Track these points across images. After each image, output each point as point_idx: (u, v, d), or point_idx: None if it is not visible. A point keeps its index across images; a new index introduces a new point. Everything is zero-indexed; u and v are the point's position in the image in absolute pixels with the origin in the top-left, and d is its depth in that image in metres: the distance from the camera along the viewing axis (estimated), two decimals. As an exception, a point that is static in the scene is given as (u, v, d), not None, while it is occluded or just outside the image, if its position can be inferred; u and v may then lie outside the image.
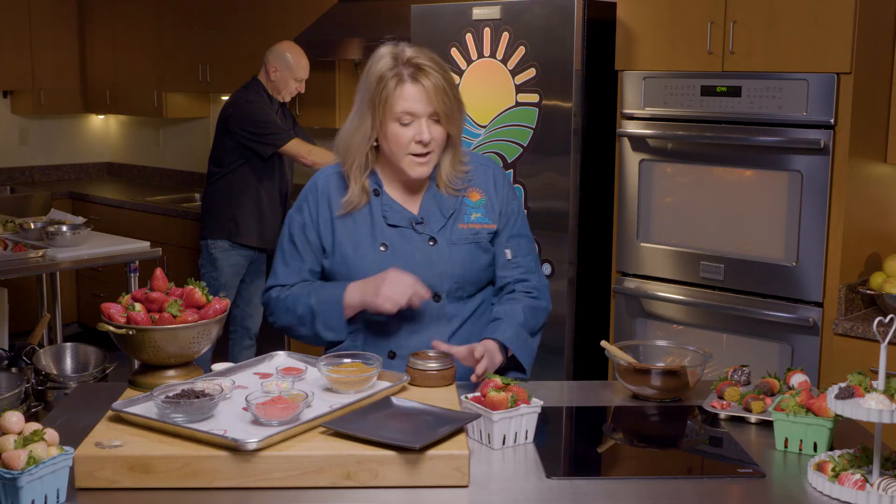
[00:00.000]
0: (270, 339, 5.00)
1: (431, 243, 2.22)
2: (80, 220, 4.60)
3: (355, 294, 2.17)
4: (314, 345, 2.31)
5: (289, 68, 4.52)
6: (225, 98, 5.52)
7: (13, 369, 2.54)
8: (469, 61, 3.85)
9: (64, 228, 4.33)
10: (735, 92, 3.25)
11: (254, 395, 1.79)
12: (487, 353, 2.15)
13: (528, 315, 2.27)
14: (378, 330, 2.24)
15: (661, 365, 2.19)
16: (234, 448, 1.65)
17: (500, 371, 2.25)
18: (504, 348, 2.21)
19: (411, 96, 2.12)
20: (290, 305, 2.26)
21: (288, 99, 4.62)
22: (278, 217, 4.66)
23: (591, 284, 3.72)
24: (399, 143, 2.15)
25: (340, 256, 2.23)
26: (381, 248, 2.21)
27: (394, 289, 2.11)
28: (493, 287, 2.34)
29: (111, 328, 1.98)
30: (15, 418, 1.60)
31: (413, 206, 2.25)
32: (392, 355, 2.23)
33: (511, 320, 2.24)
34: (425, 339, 2.20)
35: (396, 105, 2.12)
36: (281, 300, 2.29)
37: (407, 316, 2.20)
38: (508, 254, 2.30)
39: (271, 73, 4.53)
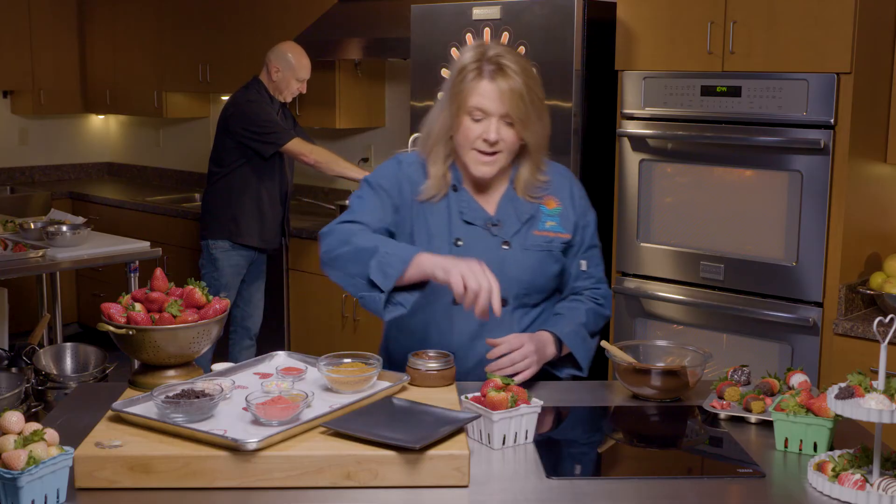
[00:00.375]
0: (270, 339, 5.01)
1: (505, 247, 2.20)
2: (80, 220, 4.60)
3: (429, 256, 2.03)
4: (353, 292, 2.10)
5: (290, 68, 4.52)
6: (225, 98, 5.52)
7: (13, 369, 2.53)
8: (469, 61, 3.84)
9: (64, 228, 4.33)
10: (735, 92, 3.25)
11: (254, 395, 1.78)
12: (539, 344, 2.15)
13: (589, 317, 2.27)
14: (439, 333, 2.22)
15: (661, 365, 2.19)
16: (234, 448, 1.65)
17: (554, 365, 2.26)
18: (559, 344, 2.21)
19: (485, 93, 2.10)
20: (356, 237, 2.10)
21: (289, 99, 4.62)
22: (279, 217, 4.66)
23: (591, 284, 3.71)
24: (466, 137, 2.14)
25: (408, 237, 2.20)
26: (456, 244, 2.19)
27: (473, 271, 1.97)
28: (557, 296, 2.33)
29: (111, 328, 1.98)
30: (15, 418, 1.60)
31: (490, 206, 2.24)
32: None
33: (572, 318, 2.24)
34: (485, 344, 2.19)
35: (470, 99, 2.11)
36: (347, 229, 2.13)
37: (469, 320, 2.17)
38: (584, 265, 2.30)
39: (273, 73, 4.53)
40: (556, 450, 1.88)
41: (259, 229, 4.58)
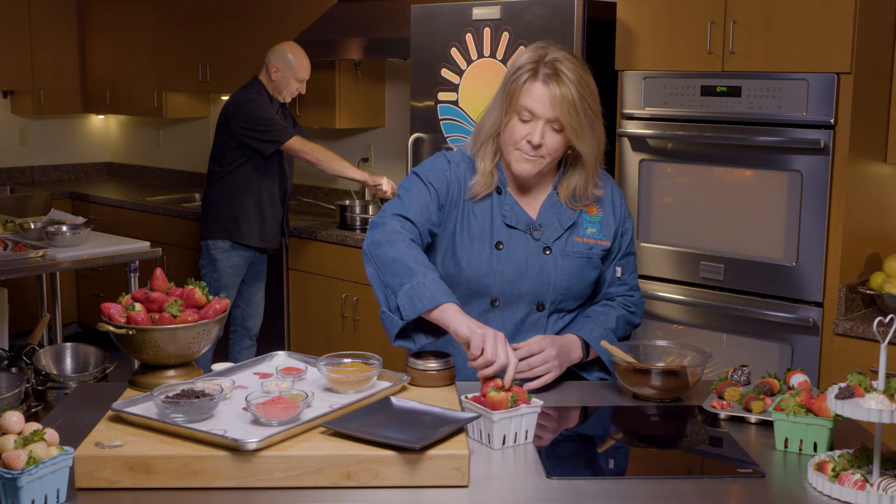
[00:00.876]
0: (270, 339, 5.01)
1: (547, 252, 2.20)
2: (80, 220, 4.60)
3: (456, 310, 1.99)
4: (377, 298, 2.09)
5: (290, 68, 4.52)
6: (225, 98, 5.52)
7: (13, 369, 2.53)
8: (469, 61, 3.85)
9: (64, 228, 4.33)
10: (735, 92, 3.25)
11: (254, 395, 1.78)
12: (563, 348, 2.14)
13: (619, 324, 2.27)
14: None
15: (661, 365, 2.19)
16: (234, 448, 1.65)
17: (583, 368, 2.26)
18: (587, 348, 2.21)
19: (537, 95, 2.09)
20: (402, 245, 2.06)
21: (289, 100, 4.62)
22: (279, 217, 4.66)
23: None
24: (512, 137, 2.14)
25: (453, 245, 2.20)
26: (497, 247, 2.19)
27: (496, 342, 1.93)
28: (590, 303, 2.33)
29: (111, 328, 1.98)
30: (15, 418, 1.60)
31: (532, 210, 2.24)
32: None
33: (602, 322, 2.24)
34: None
35: (521, 99, 2.11)
36: (397, 230, 2.10)
37: (502, 327, 2.17)
38: (619, 271, 2.31)
39: (272, 73, 4.53)
40: (556, 450, 1.88)
41: (259, 229, 4.58)
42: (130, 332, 1.95)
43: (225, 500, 1.63)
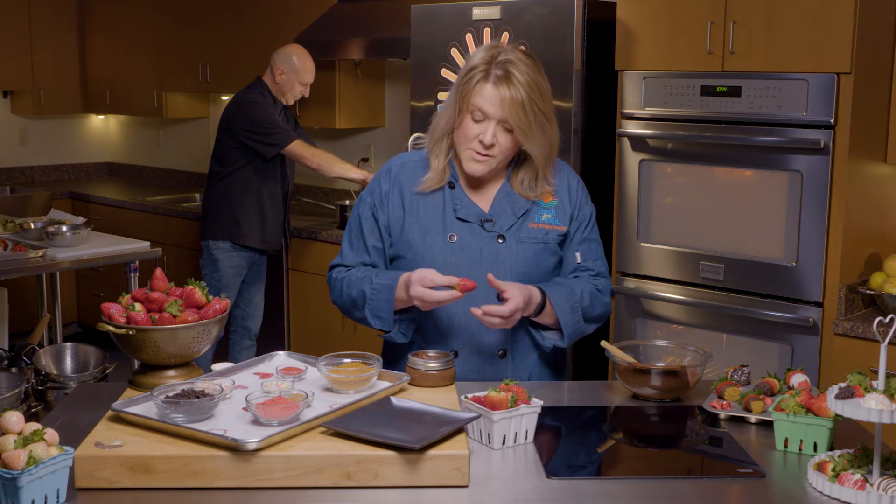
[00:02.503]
0: (270, 339, 5.01)
1: (500, 241, 2.23)
2: (80, 220, 4.61)
3: (402, 287, 2.16)
4: (371, 328, 2.29)
5: (295, 71, 4.52)
6: (225, 98, 5.52)
7: (13, 369, 2.53)
8: (469, 61, 3.85)
9: (64, 228, 4.33)
10: (735, 92, 3.25)
11: (254, 395, 1.79)
12: (524, 297, 2.12)
13: (585, 295, 2.25)
14: (439, 329, 2.24)
15: (661, 365, 2.19)
16: (234, 448, 1.65)
17: (535, 327, 2.23)
18: (541, 309, 2.18)
19: (488, 96, 2.12)
20: (346, 288, 2.26)
21: (291, 102, 4.62)
22: (280, 217, 4.66)
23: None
24: (465, 136, 2.17)
25: (406, 242, 2.24)
26: (450, 239, 2.22)
27: (416, 289, 2.09)
28: None
29: (111, 328, 1.98)
30: (15, 418, 1.60)
31: (485, 202, 2.26)
32: (455, 354, 2.24)
33: (566, 287, 2.23)
34: (487, 339, 2.22)
35: (473, 99, 2.14)
36: (339, 280, 2.29)
37: (469, 315, 2.20)
38: (578, 257, 2.31)
39: (277, 75, 4.52)
40: (556, 450, 1.88)
41: (260, 230, 4.58)
42: (130, 332, 1.95)
43: (225, 500, 1.63)
